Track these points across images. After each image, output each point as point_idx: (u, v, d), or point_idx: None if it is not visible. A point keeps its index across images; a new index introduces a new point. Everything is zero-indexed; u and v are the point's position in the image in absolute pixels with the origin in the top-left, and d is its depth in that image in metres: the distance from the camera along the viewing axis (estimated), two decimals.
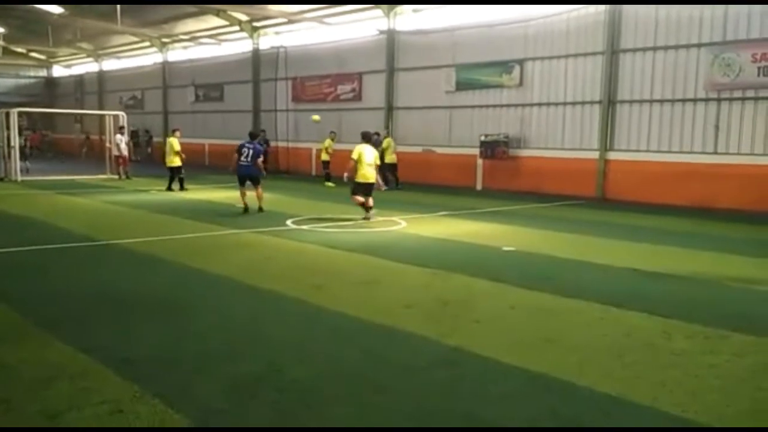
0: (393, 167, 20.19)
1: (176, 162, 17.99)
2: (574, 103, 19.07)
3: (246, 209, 13.47)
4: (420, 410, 4.03)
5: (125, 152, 22.39)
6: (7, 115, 21.11)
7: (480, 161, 20.99)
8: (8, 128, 20.78)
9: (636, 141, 17.88)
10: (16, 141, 20.77)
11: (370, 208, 12.79)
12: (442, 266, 8.33)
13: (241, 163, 13.46)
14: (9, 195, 16.62)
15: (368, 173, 12.64)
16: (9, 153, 20.81)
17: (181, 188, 18.08)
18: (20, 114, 21.65)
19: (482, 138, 20.73)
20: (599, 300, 6.69)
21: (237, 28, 28.84)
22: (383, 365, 4.80)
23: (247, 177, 13.57)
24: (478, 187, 21.01)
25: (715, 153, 16.37)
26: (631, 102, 17.88)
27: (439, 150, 22.40)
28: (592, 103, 18.64)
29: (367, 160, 12.60)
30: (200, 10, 27.24)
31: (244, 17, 28.05)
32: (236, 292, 7.02)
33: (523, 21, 19.89)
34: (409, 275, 7.94)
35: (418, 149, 22.94)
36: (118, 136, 22.46)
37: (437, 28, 22.33)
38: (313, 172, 25.79)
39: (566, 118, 19.29)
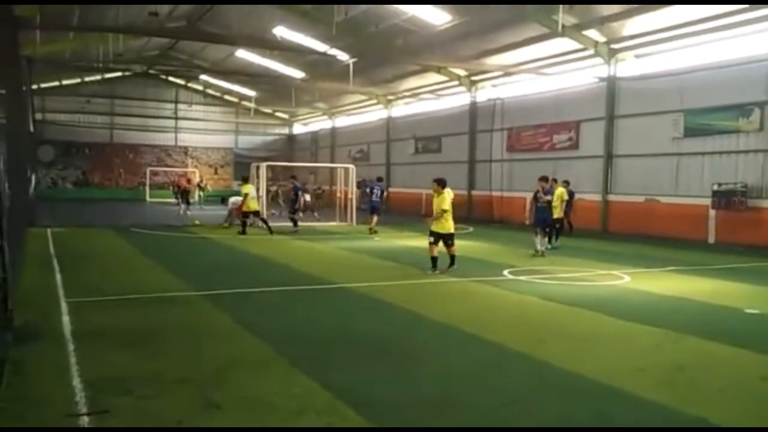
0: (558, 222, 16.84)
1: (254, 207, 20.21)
2: None
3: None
4: None
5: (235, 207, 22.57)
6: (257, 168, 24.08)
7: (712, 212, 19.27)
8: (258, 179, 23.62)
9: None
10: (264, 191, 23.50)
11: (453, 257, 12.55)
12: (674, 327, 7.80)
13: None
14: (257, 239, 18.80)
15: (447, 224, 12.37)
16: (258, 201, 23.51)
17: (243, 232, 19.57)
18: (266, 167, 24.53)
19: (715, 187, 19.07)
20: None
21: (456, 82, 30.10)
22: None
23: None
24: (710, 240, 19.26)
25: None
26: None
27: (663, 199, 21.02)
28: None
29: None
30: (422, 68, 28.91)
31: (463, 72, 29.21)
32: (458, 340, 7.23)
33: (763, 60, 18.16)
34: (636, 334, 7.56)
35: (640, 198, 21.75)
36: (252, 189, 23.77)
37: (662, 71, 21.24)
38: (527, 221, 25.56)
39: None
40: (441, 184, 12.55)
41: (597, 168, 23.28)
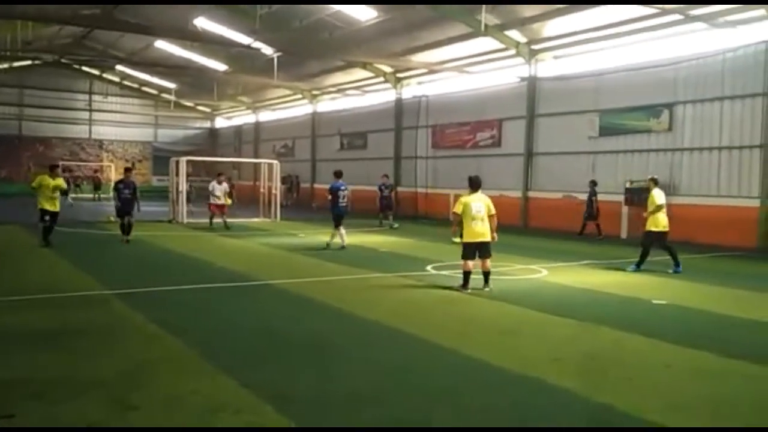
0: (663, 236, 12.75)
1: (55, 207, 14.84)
2: (730, 148, 17.94)
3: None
4: None
5: (221, 201, 20.83)
6: (177, 163, 23.38)
7: (625, 208, 20.18)
8: (177, 175, 22.93)
9: None
10: (183, 186, 22.84)
11: (488, 274, 10.17)
12: (588, 318, 8.12)
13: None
14: (177, 236, 18.29)
15: (478, 230, 9.99)
16: (177, 197, 22.88)
17: (45, 240, 14.60)
18: (186, 162, 23.80)
19: (627, 184, 19.98)
20: None
21: (381, 79, 30.23)
22: (532, 418, 4.78)
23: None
24: (623, 235, 20.16)
25: None
26: None
27: (580, 196, 21.81)
28: (751, 147, 17.45)
29: (475, 212, 9.98)
30: (348, 63, 28.85)
31: (388, 69, 29.35)
32: (383, 335, 7.27)
33: (672, 63, 19.17)
34: (553, 326, 7.82)
35: (559, 195, 22.52)
36: (214, 183, 21.08)
37: (580, 73, 22.06)
38: (451, 217, 26.03)
39: (721, 164, 18.17)
40: (470, 184, 10.30)
41: (518, 165, 23.93)
